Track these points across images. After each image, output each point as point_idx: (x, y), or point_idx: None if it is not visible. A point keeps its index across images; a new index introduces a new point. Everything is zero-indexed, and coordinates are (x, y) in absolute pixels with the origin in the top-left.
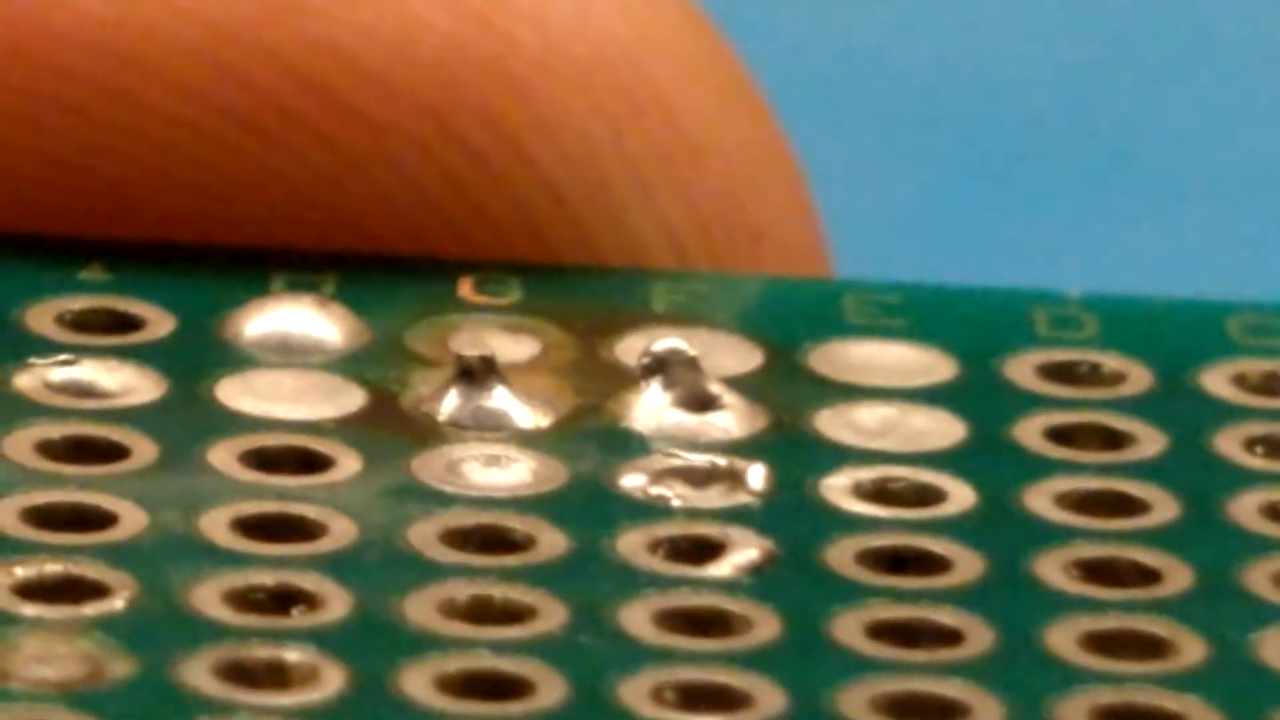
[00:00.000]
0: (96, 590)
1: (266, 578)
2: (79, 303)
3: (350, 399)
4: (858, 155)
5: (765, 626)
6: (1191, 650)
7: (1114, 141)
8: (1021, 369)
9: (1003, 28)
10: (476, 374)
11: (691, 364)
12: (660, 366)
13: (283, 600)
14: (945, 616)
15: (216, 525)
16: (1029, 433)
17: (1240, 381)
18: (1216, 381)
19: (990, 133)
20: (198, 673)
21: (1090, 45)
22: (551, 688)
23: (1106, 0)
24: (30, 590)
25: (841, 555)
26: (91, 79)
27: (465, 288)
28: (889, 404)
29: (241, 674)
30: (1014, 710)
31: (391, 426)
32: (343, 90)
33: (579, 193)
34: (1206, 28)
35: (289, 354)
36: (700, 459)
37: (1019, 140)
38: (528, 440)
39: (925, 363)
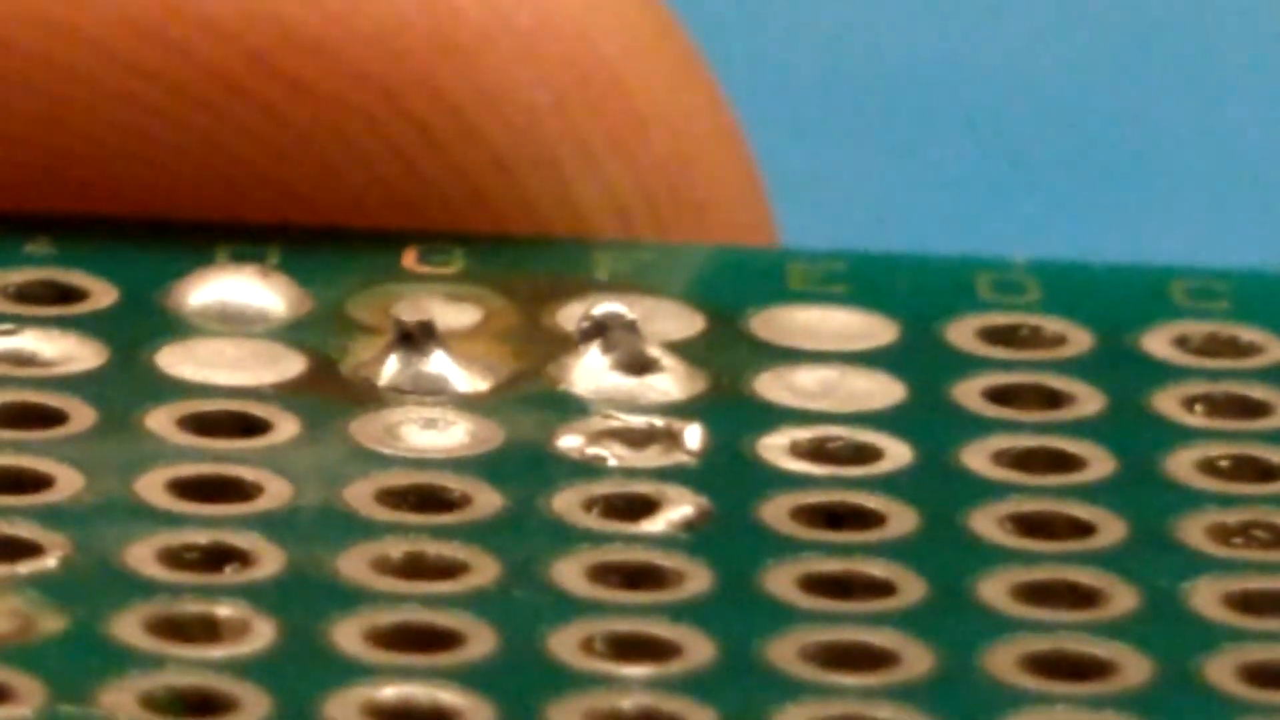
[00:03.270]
0: (30, 549)
1: (200, 537)
2: (22, 275)
3: (290, 365)
4: (857, 152)
5: (697, 580)
6: (1122, 600)
7: (1114, 137)
8: (963, 332)
9: (1002, 20)
10: (415, 339)
11: (630, 327)
12: (599, 330)
13: (216, 558)
14: (878, 569)
15: (152, 487)
16: (968, 393)
17: (1182, 343)
18: (1158, 343)
19: (990, 130)
20: (128, 627)
21: (1088, 40)
22: (482, 640)
23: None
24: None
25: (777, 512)
26: (34, 53)
27: (409, 258)
28: (829, 367)
29: (172, 628)
30: (943, 658)
31: (330, 391)
32: (287, 62)
33: (525, 163)
34: (1212, 22)
35: (231, 323)
36: (638, 420)
37: (1019, 137)
38: (466, 403)
39: (867, 327)
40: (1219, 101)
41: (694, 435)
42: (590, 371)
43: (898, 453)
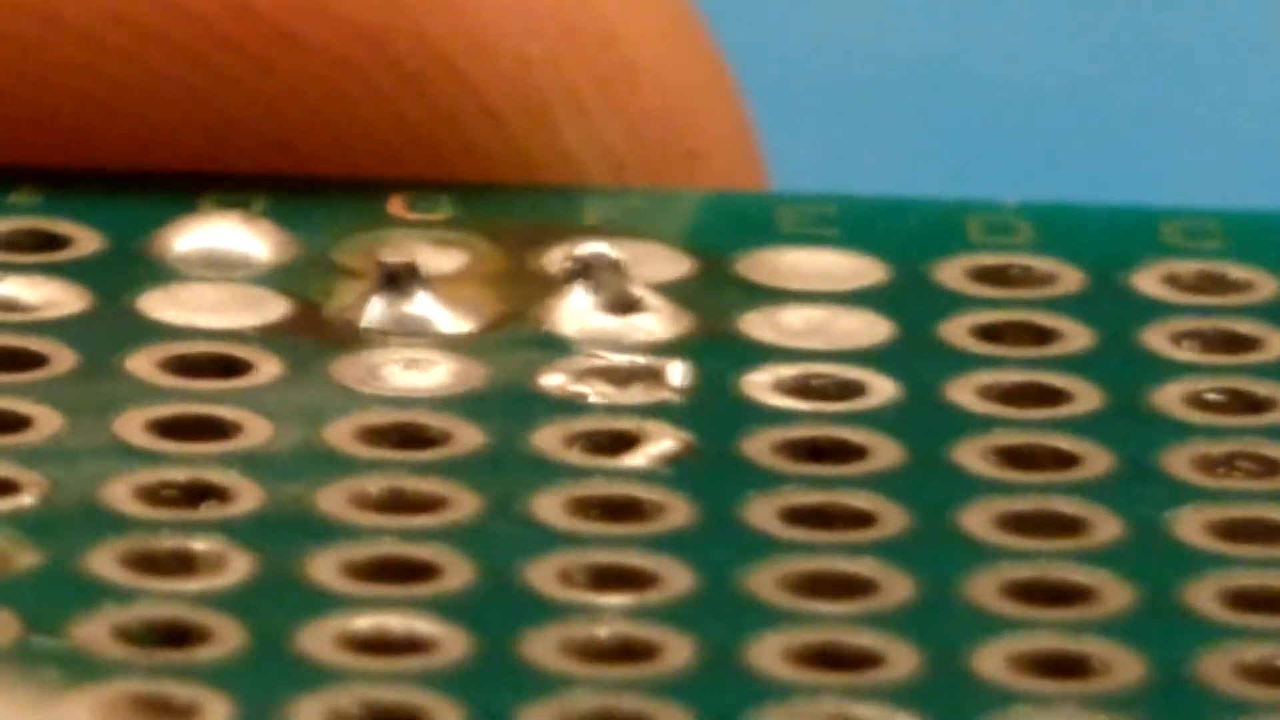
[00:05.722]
0: (6, 487)
1: (178, 474)
2: (7, 224)
3: (273, 309)
4: (843, 149)
5: (677, 512)
6: (1105, 528)
7: (1118, 137)
8: (952, 272)
9: (988, 21)
10: (399, 280)
11: (615, 267)
12: (584, 270)
13: (194, 495)
14: (859, 500)
15: (131, 426)
16: (956, 331)
17: (1173, 281)
18: (1149, 281)
19: (973, 128)
20: (104, 562)
21: (1092, 40)
22: (459, 571)
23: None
24: None
25: (759, 446)
26: (24, 7)
27: (396, 205)
28: (816, 306)
29: (148, 563)
30: (923, 586)
31: (314, 334)
32: (277, 14)
33: (515, 114)
34: (1215, 22)
35: (215, 269)
36: (621, 358)
37: (1022, 136)
38: (449, 344)
39: (856, 268)
40: (1223, 101)
41: (677, 372)
42: (575, 312)
43: (883, 388)
